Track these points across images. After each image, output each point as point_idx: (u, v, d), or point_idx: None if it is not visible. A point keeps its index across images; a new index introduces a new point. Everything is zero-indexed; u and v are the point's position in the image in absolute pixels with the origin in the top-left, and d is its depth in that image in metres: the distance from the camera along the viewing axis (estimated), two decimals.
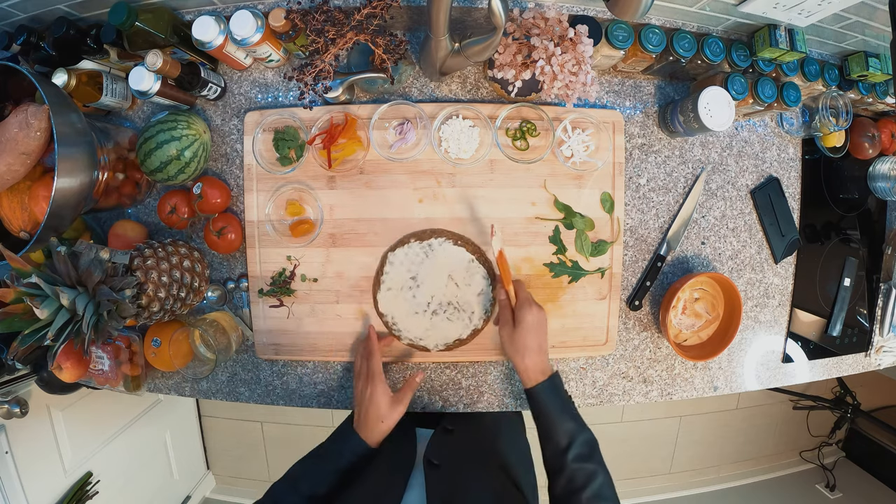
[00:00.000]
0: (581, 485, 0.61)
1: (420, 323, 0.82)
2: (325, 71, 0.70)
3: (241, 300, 0.85)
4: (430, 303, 0.82)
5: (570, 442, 0.64)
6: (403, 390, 0.75)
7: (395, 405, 0.72)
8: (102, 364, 0.81)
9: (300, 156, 0.80)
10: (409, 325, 0.82)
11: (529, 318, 0.71)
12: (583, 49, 0.67)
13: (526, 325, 0.71)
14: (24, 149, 0.63)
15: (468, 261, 0.81)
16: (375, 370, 0.74)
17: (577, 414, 0.69)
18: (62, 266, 0.59)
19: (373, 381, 0.73)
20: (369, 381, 0.73)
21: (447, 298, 0.81)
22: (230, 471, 2.16)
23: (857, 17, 0.76)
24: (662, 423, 2.22)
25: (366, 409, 0.71)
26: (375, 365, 0.75)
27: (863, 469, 2.25)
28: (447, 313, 0.82)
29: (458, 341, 0.83)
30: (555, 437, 0.66)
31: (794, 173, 0.92)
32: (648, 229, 0.87)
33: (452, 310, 0.82)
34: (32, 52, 0.73)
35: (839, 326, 0.94)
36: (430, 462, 0.65)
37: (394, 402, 0.72)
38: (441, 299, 0.81)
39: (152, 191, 0.84)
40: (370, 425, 0.70)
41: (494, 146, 0.81)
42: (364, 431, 0.70)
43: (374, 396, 0.71)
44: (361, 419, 0.71)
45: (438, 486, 0.60)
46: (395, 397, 0.73)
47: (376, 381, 0.73)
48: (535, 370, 0.70)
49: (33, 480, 1.20)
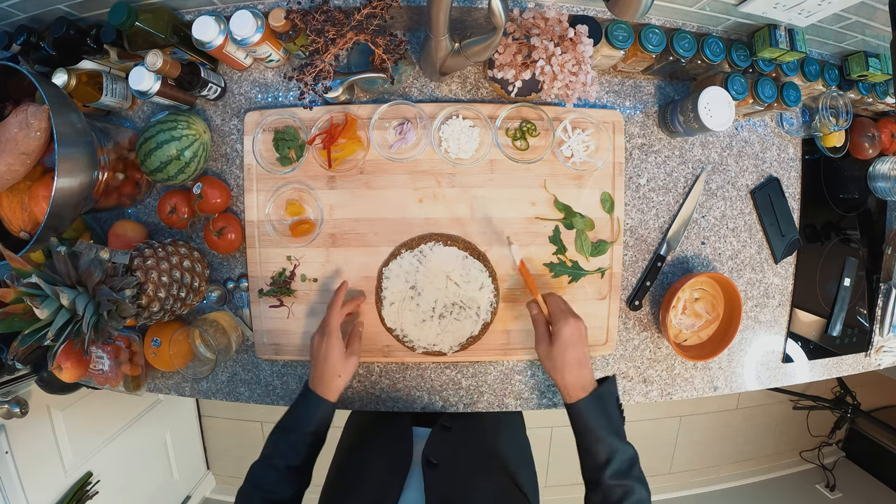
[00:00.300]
0: (616, 500, 0.61)
1: (430, 329, 0.82)
2: (325, 71, 0.70)
3: (241, 300, 0.85)
4: (435, 307, 0.82)
5: (610, 458, 0.62)
6: (351, 341, 0.76)
7: (349, 357, 0.73)
8: (102, 364, 0.81)
9: (300, 156, 0.80)
10: (419, 335, 0.82)
11: (566, 331, 0.67)
12: (583, 49, 0.67)
13: (563, 340, 0.67)
14: (24, 149, 0.63)
15: (462, 258, 0.81)
16: (332, 325, 0.73)
17: (621, 430, 0.66)
18: (62, 266, 0.59)
19: (329, 336, 0.72)
20: (325, 336, 0.72)
21: (451, 299, 0.81)
22: (230, 471, 2.16)
23: (857, 17, 0.76)
24: (662, 423, 2.22)
25: (322, 366, 0.71)
26: (333, 319, 0.73)
27: (863, 469, 2.25)
28: (454, 314, 0.82)
29: (472, 338, 0.82)
30: (594, 452, 0.63)
31: (794, 173, 0.92)
32: (648, 229, 0.87)
33: (458, 309, 0.82)
34: (32, 52, 0.73)
35: (839, 326, 0.94)
36: (429, 461, 0.64)
37: (347, 354, 0.73)
38: (445, 301, 0.81)
39: (152, 191, 0.84)
40: (326, 381, 0.70)
41: (494, 146, 0.81)
42: (321, 389, 0.70)
43: (329, 352, 0.71)
44: (318, 376, 0.71)
45: (437, 486, 0.60)
46: (347, 350, 0.73)
47: (332, 336, 0.72)
48: (575, 386, 0.66)
49: (33, 480, 1.20)
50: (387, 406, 0.85)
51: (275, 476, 0.65)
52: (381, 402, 0.85)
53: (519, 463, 0.77)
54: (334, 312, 0.74)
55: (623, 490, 0.61)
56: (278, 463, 0.65)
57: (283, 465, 0.65)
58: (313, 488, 0.69)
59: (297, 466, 0.66)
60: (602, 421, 0.64)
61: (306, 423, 0.68)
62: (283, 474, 0.65)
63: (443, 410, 0.86)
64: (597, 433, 0.63)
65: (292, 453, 0.66)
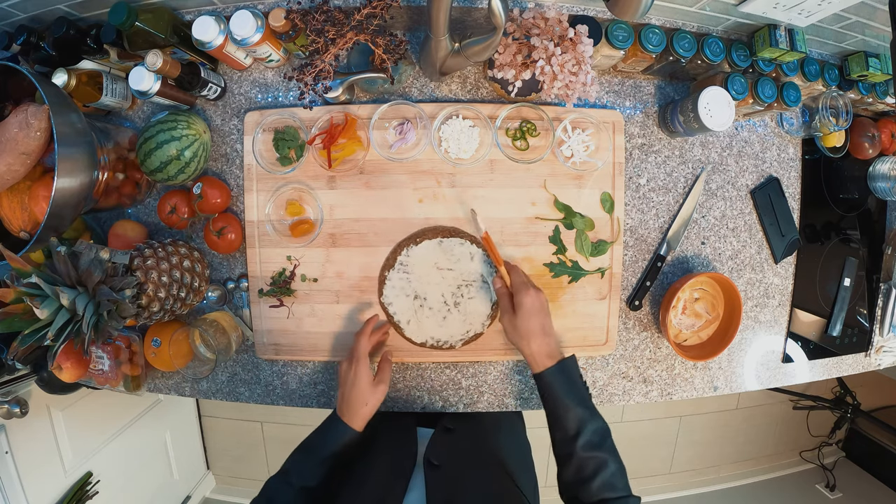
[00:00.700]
0: (591, 474, 0.60)
1: (455, 321, 0.82)
2: (325, 71, 0.70)
3: (241, 300, 0.85)
4: (446, 300, 0.82)
5: (580, 429, 0.63)
6: (382, 369, 0.76)
7: (378, 385, 0.73)
8: (102, 364, 0.81)
9: (300, 156, 0.80)
10: (450, 332, 0.82)
11: (528, 301, 0.70)
12: (583, 49, 0.67)
13: (525, 310, 0.69)
14: (24, 149, 0.63)
15: (437, 244, 0.81)
16: (361, 352, 0.73)
17: (588, 401, 0.66)
18: (62, 266, 0.59)
19: (357, 363, 0.72)
20: (353, 362, 0.73)
21: (454, 284, 0.81)
22: (230, 471, 2.16)
23: (857, 17, 0.76)
24: (662, 423, 2.22)
25: (349, 393, 0.71)
26: (362, 346, 0.74)
27: (863, 469, 2.25)
28: (466, 295, 0.82)
29: (496, 305, 0.82)
30: (564, 423, 0.64)
31: (794, 173, 0.92)
32: (648, 229, 0.87)
33: (466, 288, 0.81)
34: (32, 52, 0.73)
35: (839, 326, 0.94)
36: (431, 463, 0.64)
37: (376, 383, 0.73)
38: (450, 290, 0.81)
39: (152, 191, 0.84)
40: (353, 409, 0.71)
41: (494, 146, 0.81)
42: (348, 416, 0.70)
43: (357, 379, 0.71)
44: (345, 403, 0.71)
45: (439, 487, 0.60)
46: (376, 378, 0.74)
47: (361, 363, 0.72)
48: (541, 354, 0.68)
49: (33, 480, 1.20)
50: (387, 406, 0.85)
51: (290, 494, 0.65)
52: (381, 403, 0.85)
53: (519, 464, 0.77)
54: (363, 340, 0.75)
55: (596, 462, 0.61)
56: (294, 482, 0.66)
57: (298, 485, 0.65)
58: None
59: (313, 488, 0.66)
60: (570, 390, 0.66)
61: (326, 448, 0.69)
62: (298, 494, 0.65)
63: (443, 410, 0.86)
64: (565, 402, 0.65)
65: (310, 475, 0.67)
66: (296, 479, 0.66)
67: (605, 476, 0.60)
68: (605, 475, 0.60)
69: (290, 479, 0.66)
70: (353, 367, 0.72)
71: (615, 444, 0.64)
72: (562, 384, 0.66)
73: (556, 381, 0.66)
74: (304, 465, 0.68)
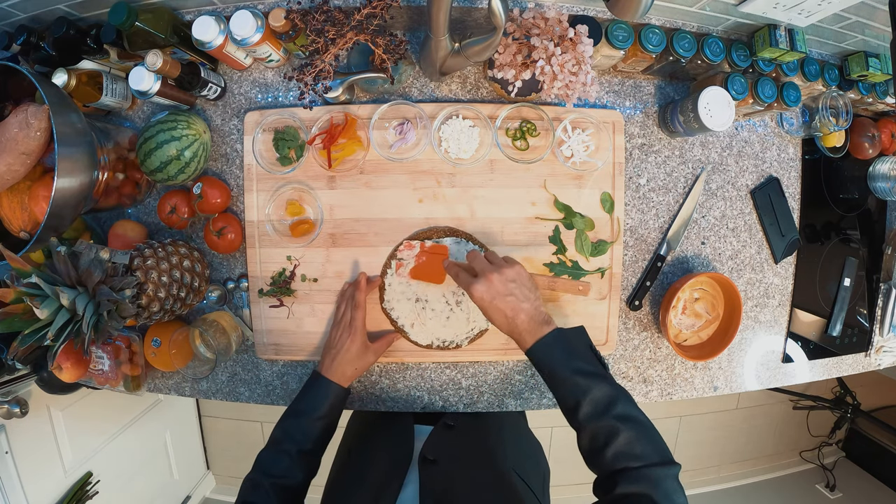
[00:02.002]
0: (602, 443, 0.55)
1: (458, 321, 0.82)
2: (325, 71, 0.70)
3: (241, 300, 0.85)
4: (448, 301, 0.82)
5: (578, 401, 0.58)
6: (381, 341, 0.77)
7: (369, 354, 0.75)
8: (102, 364, 0.81)
9: (300, 156, 0.80)
10: (455, 332, 0.82)
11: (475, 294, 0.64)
12: (583, 49, 0.67)
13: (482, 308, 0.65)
14: (24, 149, 0.63)
15: None
16: (359, 323, 0.75)
17: (587, 369, 0.60)
18: (62, 266, 0.59)
19: (354, 333, 0.74)
20: (351, 331, 0.74)
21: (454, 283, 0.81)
22: (230, 471, 2.16)
23: (857, 17, 0.76)
24: (662, 423, 2.22)
25: (341, 356, 0.73)
26: (359, 318, 0.75)
27: (863, 469, 2.25)
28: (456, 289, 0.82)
29: None
30: (561, 397, 0.60)
31: (794, 173, 0.92)
32: (648, 229, 0.87)
33: None
34: (32, 52, 0.73)
35: (839, 326, 0.94)
36: (425, 458, 0.64)
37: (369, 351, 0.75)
38: (451, 289, 0.82)
39: (152, 191, 0.84)
40: (341, 368, 0.72)
41: (494, 146, 0.81)
42: (333, 374, 0.71)
43: (352, 345, 0.73)
44: (331, 364, 0.72)
45: (432, 482, 0.60)
46: (371, 347, 0.75)
47: (358, 334, 0.74)
48: (519, 335, 0.63)
49: (33, 480, 1.20)
50: (387, 406, 0.85)
51: (286, 461, 0.65)
52: (382, 402, 0.85)
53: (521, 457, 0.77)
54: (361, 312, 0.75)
55: (606, 432, 0.55)
56: (289, 448, 0.66)
57: (294, 450, 0.65)
58: (315, 489, 0.69)
59: (309, 450, 0.66)
60: (559, 363, 0.60)
61: (318, 408, 0.69)
62: (295, 459, 0.65)
63: (443, 410, 0.86)
64: (558, 375, 0.60)
65: (304, 437, 0.67)
66: (290, 445, 0.66)
67: (619, 445, 0.54)
68: (617, 444, 0.54)
69: (285, 445, 0.66)
70: (349, 338, 0.73)
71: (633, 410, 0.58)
72: (549, 357, 0.61)
73: (543, 356, 0.62)
74: (295, 429, 0.68)
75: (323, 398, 0.70)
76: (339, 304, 0.81)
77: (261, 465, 0.66)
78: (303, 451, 0.66)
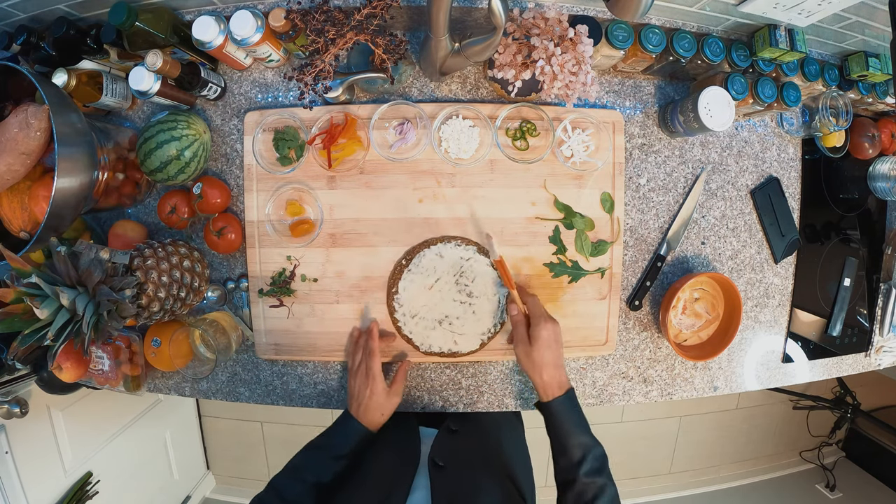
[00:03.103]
0: (590, 498, 0.63)
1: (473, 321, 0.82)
2: (325, 71, 0.70)
3: (241, 300, 0.85)
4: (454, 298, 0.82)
5: (584, 456, 0.65)
6: (397, 381, 0.78)
7: (392, 397, 0.75)
8: (102, 364, 0.81)
9: (300, 156, 0.80)
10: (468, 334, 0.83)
11: (545, 334, 0.71)
12: (583, 49, 0.67)
13: (541, 342, 0.71)
14: (24, 149, 0.63)
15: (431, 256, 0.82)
16: (376, 371, 0.75)
17: (589, 428, 0.69)
18: (62, 266, 0.59)
19: (373, 382, 0.74)
20: (369, 380, 0.74)
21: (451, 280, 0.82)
22: (230, 471, 2.16)
23: (857, 17, 0.76)
24: (662, 423, 2.22)
25: (366, 404, 0.73)
26: (376, 365, 0.75)
27: (863, 469, 2.25)
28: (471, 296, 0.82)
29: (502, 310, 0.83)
30: (569, 451, 0.66)
31: (794, 173, 0.92)
32: (648, 229, 0.87)
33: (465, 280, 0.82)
34: (32, 52, 0.73)
35: (839, 326, 0.94)
36: (435, 463, 0.65)
37: (391, 394, 0.75)
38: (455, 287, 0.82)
39: (152, 191, 0.84)
40: (370, 416, 0.73)
41: (494, 146, 0.81)
42: (364, 419, 0.72)
43: (373, 395, 0.73)
44: (361, 410, 0.73)
45: (443, 487, 0.60)
46: (391, 390, 0.76)
47: (377, 382, 0.74)
48: (552, 385, 0.70)
49: (33, 480, 1.20)
50: None
51: (300, 489, 0.65)
52: None
53: (518, 465, 0.77)
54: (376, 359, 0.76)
55: (597, 487, 0.63)
56: (307, 477, 0.66)
57: (311, 481, 0.66)
58: None
59: (325, 484, 0.66)
60: (576, 419, 0.69)
61: (343, 447, 0.70)
62: (310, 489, 0.66)
63: (443, 410, 0.86)
64: (572, 430, 0.67)
65: (323, 472, 0.67)
66: (309, 475, 0.67)
67: (605, 501, 0.62)
68: (604, 500, 0.62)
69: (302, 475, 0.67)
70: (368, 387, 0.74)
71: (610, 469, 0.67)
72: (569, 413, 0.69)
73: (564, 410, 0.69)
74: (317, 462, 0.68)
75: (352, 439, 0.71)
76: (352, 352, 0.81)
77: (273, 488, 0.66)
78: (319, 484, 0.66)
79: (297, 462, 0.69)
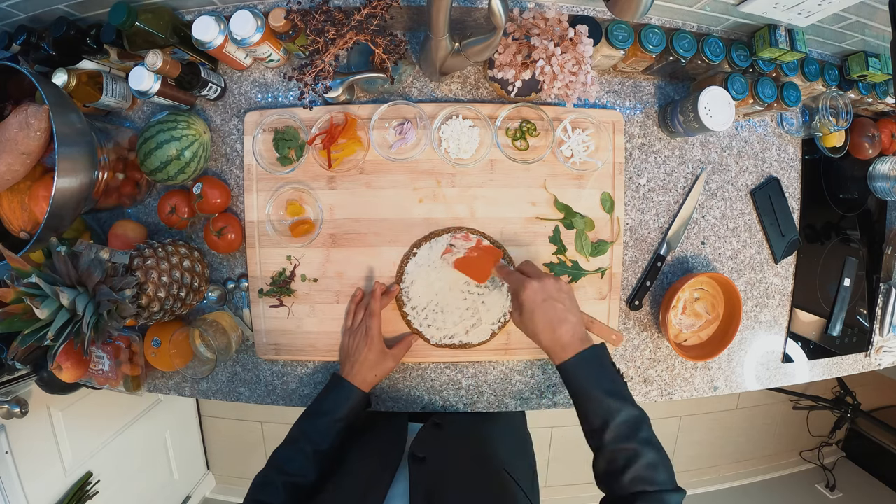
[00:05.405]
0: (621, 466, 0.56)
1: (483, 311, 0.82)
2: (325, 71, 0.70)
3: (241, 300, 0.85)
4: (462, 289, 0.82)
5: (606, 421, 0.58)
6: (399, 346, 0.78)
7: (388, 360, 0.76)
8: (102, 364, 0.81)
9: (300, 156, 0.80)
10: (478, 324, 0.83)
11: (524, 295, 0.66)
12: (583, 49, 0.67)
13: (525, 308, 0.66)
14: (24, 149, 0.63)
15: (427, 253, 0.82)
16: (375, 332, 0.76)
17: (618, 390, 0.61)
18: (62, 266, 0.59)
19: (371, 341, 0.75)
20: (368, 340, 0.75)
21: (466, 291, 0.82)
22: (230, 471, 2.16)
23: (857, 17, 0.76)
24: (662, 423, 2.22)
25: (360, 362, 0.74)
26: (375, 326, 0.76)
27: (863, 469, 2.25)
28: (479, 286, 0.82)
29: None
30: (588, 416, 0.60)
31: (794, 173, 0.92)
32: (648, 229, 0.87)
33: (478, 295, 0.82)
34: (32, 52, 0.73)
35: (839, 326, 0.94)
36: (415, 455, 0.64)
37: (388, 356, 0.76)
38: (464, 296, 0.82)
39: (152, 191, 0.84)
40: (363, 374, 0.73)
41: (494, 146, 0.81)
42: (354, 379, 0.73)
43: (370, 353, 0.74)
44: (354, 369, 0.74)
45: (421, 480, 0.60)
46: (389, 352, 0.76)
47: (375, 342, 0.75)
48: (555, 347, 0.63)
49: (33, 480, 1.20)
50: (387, 406, 0.85)
51: (301, 459, 0.66)
52: (381, 402, 0.85)
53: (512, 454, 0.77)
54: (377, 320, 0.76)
55: (627, 454, 0.57)
56: (305, 447, 0.67)
57: (310, 450, 0.66)
58: None
59: (325, 451, 0.67)
60: (592, 382, 0.61)
61: (337, 410, 0.70)
62: (310, 458, 0.66)
63: (443, 411, 0.86)
64: (589, 393, 0.60)
65: (321, 438, 0.68)
66: (307, 445, 0.67)
67: (638, 469, 0.56)
68: (637, 468, 0.56)
69: (301, 444, 0.67)
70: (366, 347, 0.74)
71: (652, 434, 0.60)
72: (583, 375, 0.62)
73: (578, 372, 0.62)
74: (313, 429, 0.69)
75: (344, 401, 0.71)
76: (352, 311, 0.81)
77: (276, 461, 0.67)
78: (318, 451, 0.67)
79: (295, 433, 0.70)
